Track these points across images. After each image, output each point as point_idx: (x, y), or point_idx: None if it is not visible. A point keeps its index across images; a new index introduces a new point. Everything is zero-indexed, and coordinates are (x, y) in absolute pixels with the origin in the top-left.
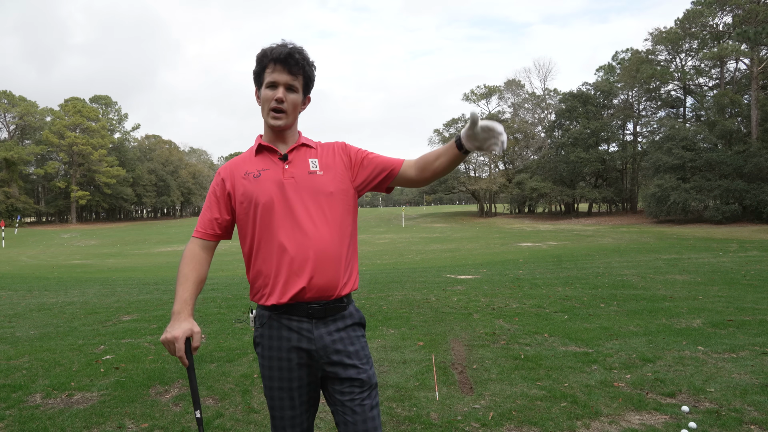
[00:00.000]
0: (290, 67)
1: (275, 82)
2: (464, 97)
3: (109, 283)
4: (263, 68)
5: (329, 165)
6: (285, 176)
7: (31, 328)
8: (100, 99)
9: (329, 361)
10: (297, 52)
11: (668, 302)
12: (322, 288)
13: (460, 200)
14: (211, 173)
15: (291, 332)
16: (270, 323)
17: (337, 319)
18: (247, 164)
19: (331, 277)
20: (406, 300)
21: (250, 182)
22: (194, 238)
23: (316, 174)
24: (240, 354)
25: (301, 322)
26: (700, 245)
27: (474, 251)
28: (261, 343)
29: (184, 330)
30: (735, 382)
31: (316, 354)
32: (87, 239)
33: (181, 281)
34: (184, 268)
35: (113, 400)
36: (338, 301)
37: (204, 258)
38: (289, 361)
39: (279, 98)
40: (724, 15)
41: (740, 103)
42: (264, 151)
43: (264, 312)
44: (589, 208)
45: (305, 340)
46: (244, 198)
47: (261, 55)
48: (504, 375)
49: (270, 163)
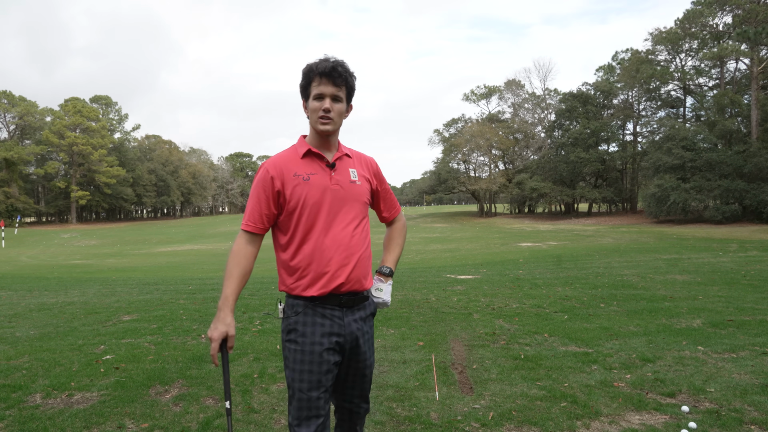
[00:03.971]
0: (334, 79)
1: (322, 94)
2: (464, 97)
3: (109, 283)
4: (309, 82)
5: (364, 177)
6: (332, 183)
7: (31, 328)
8: (100, 99)
9: (353, 345)
10: (339, 65)
11: (668, 302)
12: (355, 282)
13: (460, 200)
14: (211, 173)
15: (325, 319)
16: (305, 311)
17: (361, 308)
18: (295, 165)
19: (362, 273)
20: (406, 300)
21: (300, 184)
22: (244, 231)
23: (356, 183)
24: (240, 354)
25: (333, 310)
26: (700, 245)
27: (474, 251)
28: (296, 329)
29: (220, 333)
30: (735, 382)
31: (343, 339)
32: (87, 239)
33: (226, 276)
34: (230, 264)
35: (113, 400)
36: (363, 293)
37: (251, 252)
38: (321, 345)
39: (326, 108)
40: (724, 15)
41: (740, 103)
42: (312, 155)
43: (298, 302)
44: (589, 208)
45: (336, 326)
46: (293, 197)
47: (307, 70)
48: (504, 375)
49: (318, 168)
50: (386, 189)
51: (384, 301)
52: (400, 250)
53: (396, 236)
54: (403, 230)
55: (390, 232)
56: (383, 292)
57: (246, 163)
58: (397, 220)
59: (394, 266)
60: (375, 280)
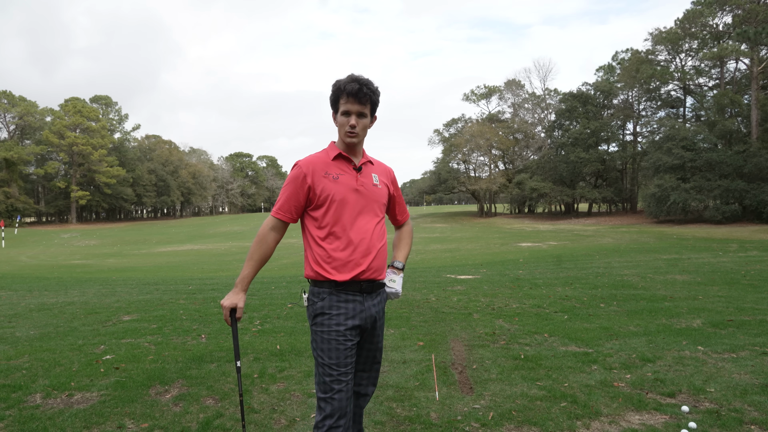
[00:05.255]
0: (360, 99)
1: (349, 111)
2: (464, 97)
3: (109, 283)
4: (338, 98)
5: (384, 183)
6: (357, 184)
7: (31, 328)
8: (100, 99)
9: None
10: (365, 86)
11: (668, 302)
12: (375, 271)
13: (460, 200)
14: (211, 173)
15: (348, 303)
16: (330, 297)
17: (378, 295)
18: (326, 165)
19: (381, 264)
20: (406, 300)
21: (330, 182)
22: (274, 217)
23: (377, 187)
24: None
25: (355, 295)
26: (700, 245)
27: (474, 251)
28: (322, 313)
29: (231, 302)
30: (735, 382)
31: (363, 322)
32: (87, 239)
33: (247, 258)
34: (253, 247)
35: (113, 400)
36: (381, 281)
37: (274, 238)
38: (345, 326)
39: (352, 125)
40: (724, 15)
41: (740, 103)
42: (341, 158)
43: (323, 289)
44: (589, 208)
45: (358, 309)
46: (322, 192)
47: (336, 88)
48: (504, 375)
49: (346, 170)
50: (400, 195)
51: (396, 291)
52: (409, 249)
53: (405, 237)
54: (411, 233)
55: (400, 233)
56: (396, 283)
57: (246, 163)
58: (406, 224)
59: (405, 262)
60: (388, 272)
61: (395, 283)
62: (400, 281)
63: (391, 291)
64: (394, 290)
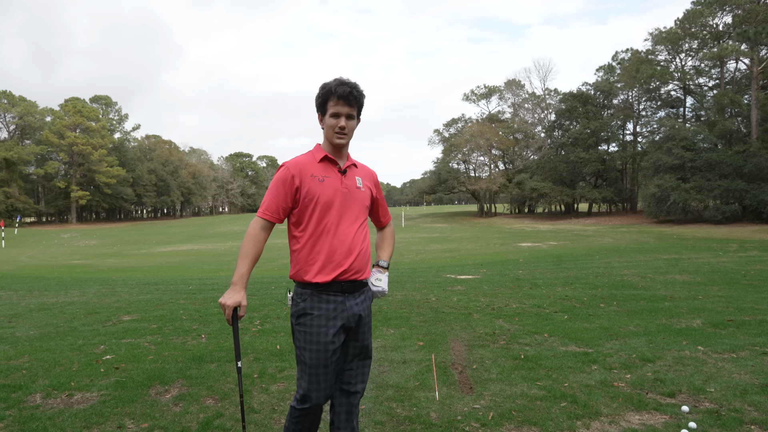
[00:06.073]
0: (349, 101)
1: (338, 113)
2: (464, 97)
3: (109, 283)
4: (326, 100)
5: (367, 186)
6: (342, 186)
7: (31, 328)
8: (100, 99)
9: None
10: (354, 89)
11: (668, 302)
12: (357, 271)
13: (460, 200)
14: (211, 173)
15: (329, 304)
16: (311, 297)
17: (361, 294)
18: (312, 167)
19: (362, 264)
20: (406, 300)
21: (316, 183)
22: (260, 218)
23: (360, 189)
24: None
25: (336, 295)
26: (700, 245)
27: (474, 251)
28: (306, 313)
29: (234, 301)
30: (735, 382)
31: (347, 321)
32: (87, 239)
33: (241, 256)
34: (246, 245)
35: (113, 400)
36: (363, 281)
37: (264, 237)
38: (326, 327)
39: (342, 126)
40: (724, 15)
41: (740, 103)
42: (327, 161)
43: (305, 290)
44: (589, 208)
45: (340, 309)
46: (308, 194)
47: (325, 91)
48: (504, 375)
49: (332, 172)
50: (382, 198)
51: (382, 290)
52: (392, 249)
53: (388, 237)
54: (393, 234)
55: (382, 234)
56: (382, 282)
57: (246, 163)
58: (388, 226)
59: (389, 261)
60: (374, 271)
61: (381, 282)
62: (386, 279)
63: (378, 289)
64: (380, 289)
